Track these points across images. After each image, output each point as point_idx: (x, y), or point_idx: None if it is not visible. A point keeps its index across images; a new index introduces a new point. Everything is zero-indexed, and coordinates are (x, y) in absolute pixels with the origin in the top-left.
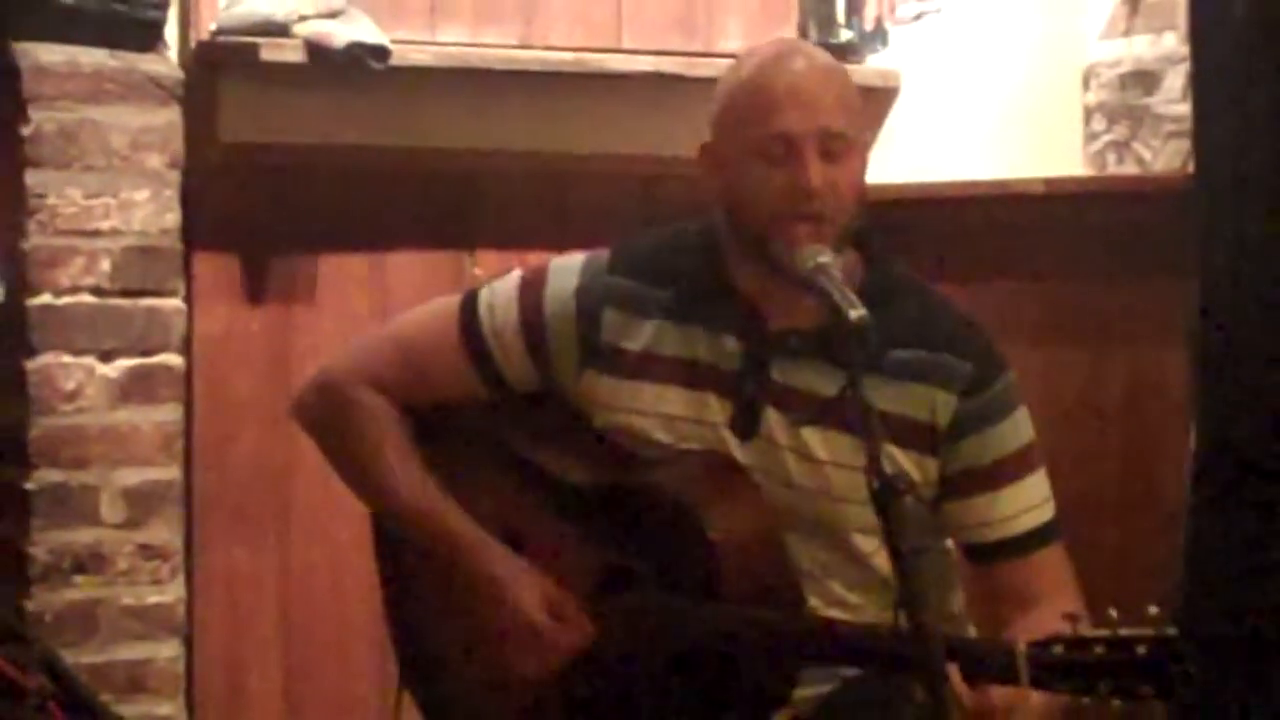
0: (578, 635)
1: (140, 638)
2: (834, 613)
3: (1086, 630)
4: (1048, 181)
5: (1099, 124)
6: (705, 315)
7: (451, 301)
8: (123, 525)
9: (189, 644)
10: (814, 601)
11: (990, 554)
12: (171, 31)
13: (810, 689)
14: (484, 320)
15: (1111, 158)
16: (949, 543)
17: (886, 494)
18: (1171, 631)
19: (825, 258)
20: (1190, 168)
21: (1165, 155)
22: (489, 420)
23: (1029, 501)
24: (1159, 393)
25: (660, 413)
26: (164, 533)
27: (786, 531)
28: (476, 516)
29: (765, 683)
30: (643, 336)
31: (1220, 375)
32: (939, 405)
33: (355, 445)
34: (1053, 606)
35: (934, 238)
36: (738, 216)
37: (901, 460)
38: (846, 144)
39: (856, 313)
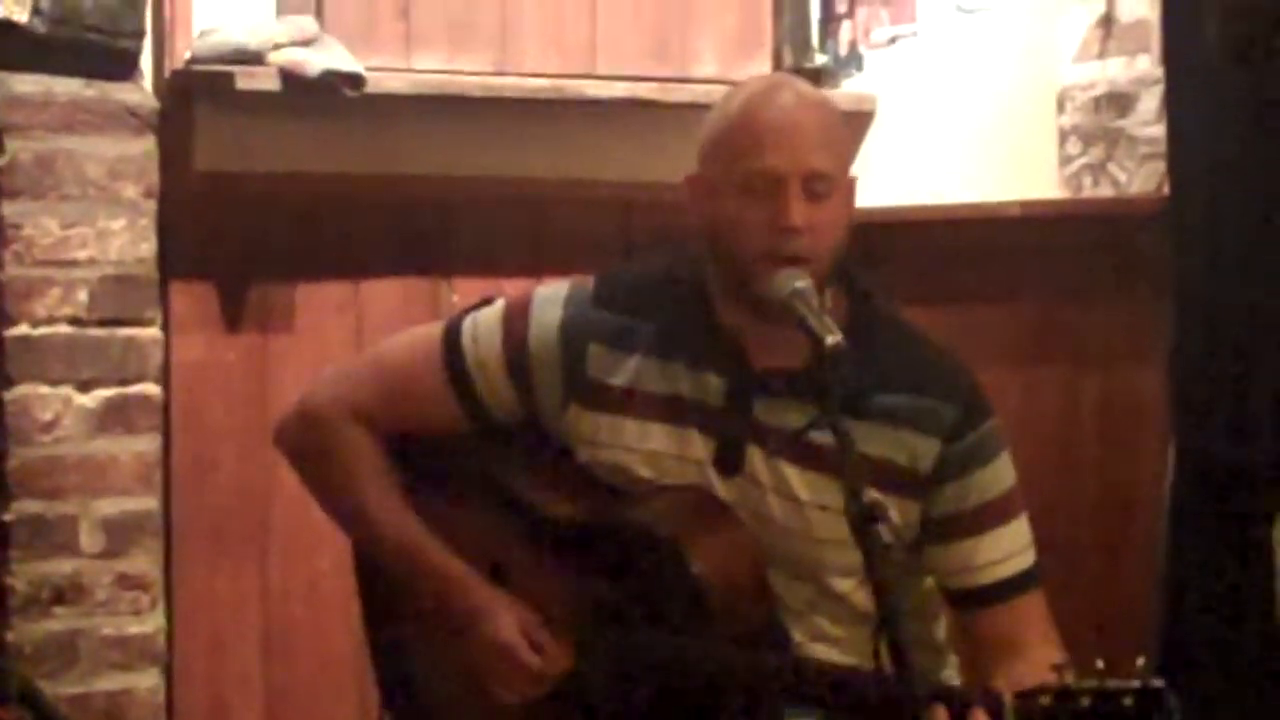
0: (556, 663)
1: (120, 668)
2: (818, 647)
3: (1073, 681)
4: (1023, 204)
5: (1074, 146)
6: (690, 351)
7: (434, 330)
8: (102, 555)
9: (169, 673)
10: (798, 637)
11: (972, 599)
12: (146, 61)
13: None
14: (467, 351)
15: (1087, 180)
16: (931, 579)
17: (864, 521)
18: (1157, 683)
19: (802, 283)
20: (1165, 190)
21: (1140, 177)
22: (472, 451)
23: (1011, 548)
24: (1135, 413)
25: (644, 449)
26: (143, 562)
27: (769, 568)
28: (458, 549)
29: (750, 717)
30: (627, 372)
31: (1196, 393)
32: (922, 450)
33: (336, 475)
34: (1035, 653)
35: (909, 261)
36: (720, 251)
37: (885, 504)
38: (830, 185)
39: (833, 338)
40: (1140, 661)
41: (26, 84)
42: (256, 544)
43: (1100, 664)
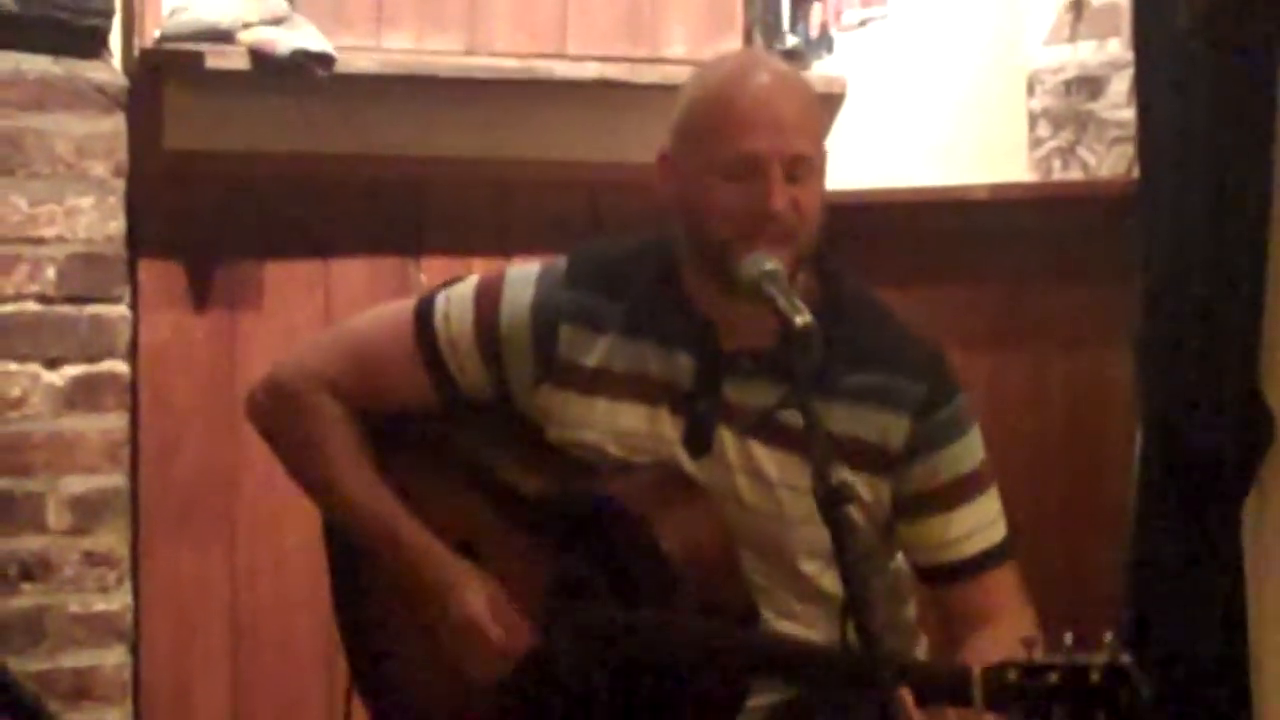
0: (521, 642)
1: (87, 645)
2: (785, 625)
3: (1041, 656)
4: (992, 187)
5: (1044, 129)
6: (660, 331)
7: (406, 307)
8: (69, 532)
9: (135, 651)
10: (766, 613)
11: (944, 575)
12: (116, 39)
13: (762, 698)
14: (439, 329)
15: (1056, 163)
16: (900, 557)
17: (832, 501)
18: (1125, 659)
19: (771, 265)
20: (1134, 173)
21: (1110, 160)
22: (444, 427)
23: (981, 522)
24: (1104, 396)
25: (614, 428)
26: (110, 540)
27: (738, 547)
28: (429, 524)
29: (716, 693)
30: (598, 352)
31: (1164, 375)
32: (891, 428)
33: (307, 448)
34: (1007, 626)
35: (879, 243)
36: (695, 233)
37: (855, 482)
38: (811, 167)
39: (802, 319)
40: (1108, 637)
41: None
42: (224, 522)
43: (1069, 639)
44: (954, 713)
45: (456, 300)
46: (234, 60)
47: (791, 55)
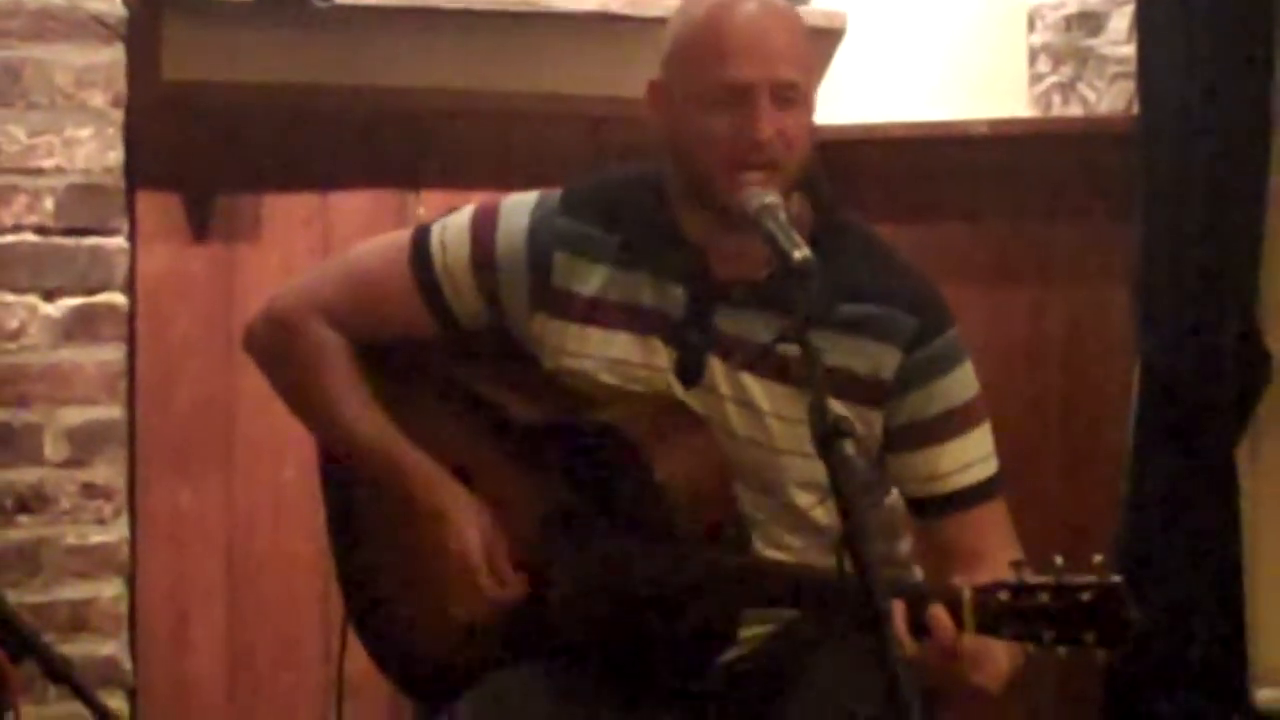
0: (508, 592)
1: (83, 577)
2: (778, 556)
3: (1031, 577)
4: (992, 123)
5: (1044, 65)
6: (653, 261)
7: (403, 236)
8: (66, 464)
9: (132, 583)
10: (758, 544)
11: (935, 508)
12: None
13: (757, 628)
14: (435, 257)
15: (1056, 99)
16: (894, 493)
17: (830, 437)
18: (1115, 579)
19: (771, 198)
20: (1135, 110)
21: (1110, 97)
22: (440, 355)
23: (974, 455)
24: (1101, 333)
25: (607, 357)
26: (107, 472)
27: (733, 474)
28: (426, 449)
29: (710, 622)
30: (592, 281)
31: (1162, 313)
32: (884, 359)
33: (304, 376)
34: (997, 560)
35: (878, 179)
36: (684, 162)
37: (845, 413)
38: (798, 93)
39: (801, 254)
40: (1098, 559)
41: None
42: (221, 453)
43: (1059, 560)
44: (945, 634)
45: (452, 229)
46: None
47: None
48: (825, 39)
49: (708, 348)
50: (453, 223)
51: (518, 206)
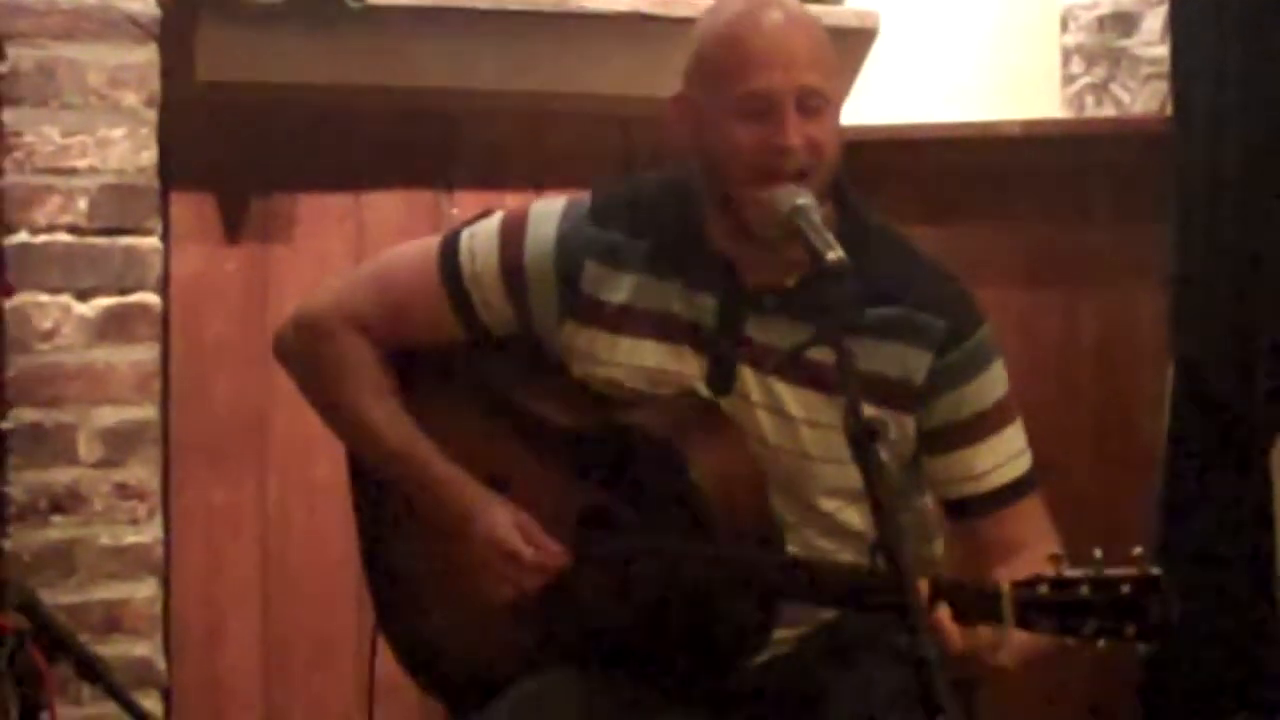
0: (552, 557)
1: (118, 577)
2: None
3: (1070, 570)
4: (1025, 124)
5: (1077, 66)
6: (683, 270)
7: (432, 243)
8: (100, 465)
9: (166, 584)
10: (791, 547)
11: (970, 508)
12: None
13: (790, 630)
14: (464, 264)
15: (1089, 100)
16: (928, 497)
17: (863, 440)
18: (1155, 571)
19: (803, 200)
20: (1168, 110)
21: (1143, 98)
22: (468, 362)
23: (1007, 454)
24: (1134, 335)
25: (637, 365)
26: (141, 472)
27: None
28: (457, 457)
29: (744, 623)
30: (622, 289)
31: (1195, 314)
32: (915, 362)
33: (333, 382)
34: (1036, 555)
35: (911, 180)
36: (711, 174)
37: (881, 418)
38: (824, 100)
39: (834, 254)
40: (1138, 551)
41: None
42: (254, 454)
43: (1098, 553)
44: (985, 630)
45: (481, 236)
46: None
47: None
48: (858, 39)
49: (738, 356)
50: (481, 230)
51: (546, 214)
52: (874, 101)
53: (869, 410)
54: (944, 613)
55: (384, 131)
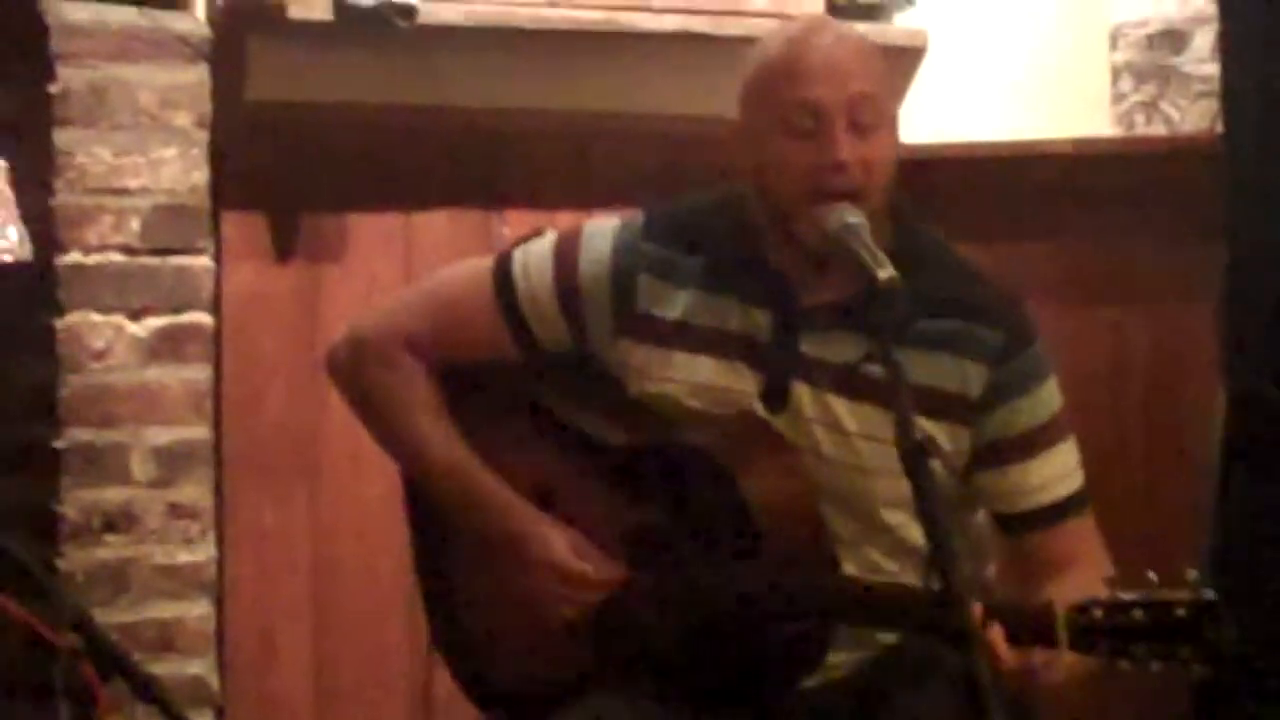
0: (606, 574)
1: (171, 596)
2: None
3: (1125, 593)
4: (1075, 142)
5: (1127, 84)
6: (737, 286)
7: (485, 262)
8: (153, 484)
9: (219, 603)
10: (849, 568)
11: (1023, 523)
12: None
13: (844, 654)
14: (518, 281)
15: (1139, 118)
16: (980, 515)
17: (915, 456)
18: (1210, 595)
19: (854, 218)
20: (1218, 127)
21: (1193, 115)
22: (523, 380)
23: (1060, 470)
24: (1185, 353)
25: (692, 382)
26: (194, 491)
27: (820, 501)
28: (509, 476)
29: (797, 646)
30: (677, 305)
31: (1249, 334)
32: (970, 376)
33: (386, 402)
34: (1087, 574)
35: (961, 198)
36: (766, 193)
37: (934, 432)
38: (877, 113)
39: (885, 273)
40: (1192, 575)
41: (80, 12)
42: (306, 473)
43: (1153, 576)
44: (1039, 652)
45: (535, 254)
46: (317, 11)
47: (873, 9)
48: (906, 57)
49: (793, 372)
50: (535, 248)
51: (601, 231)
52: (923, 120)
53: (923, 423)
54: (997, 634)
55: (434, 151)
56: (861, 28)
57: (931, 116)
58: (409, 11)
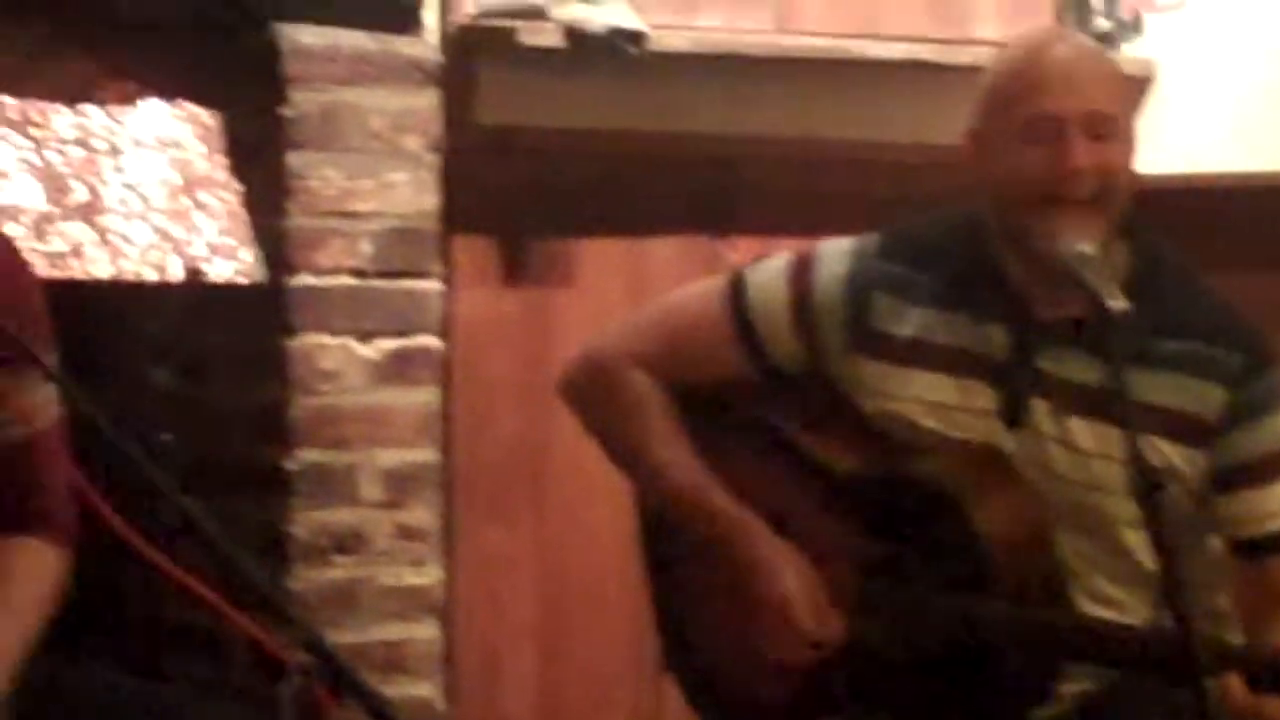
0: (830, 633)
1: (398, 618)
2: (1099, 610)
3: None
4: None
5: None
6: (973, 303)
7: (718, 282)
8: (382, 505)
9: (446, 625)
10: (1080, 599)
11: (1259, 549)
12: (431, 14)
13: (1074, 685)
14: (752, 300)
15: None
16: (1215, 541)
17: (1147, 486)
18: None
19: (1087, 248)
20: None
21: None
22: (754, 401)
23: None
24: None
25: (929, 400)
26: (422, 514)
27: (1052, 525)
28: (740, 498)
29: (1027, 677)
30: (912, 322)
31: None
32: (1209, 398)
33: (622, 424)
34: None
35: (1189, 229)
36: (999, 201)
37: (1171, 454)
38: (1114, 126)
39: (1117, 304)
40: None
41: (312, 36)
42: (534, 496)
43: None
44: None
45: (769, 273)
46: (547, 37)
47: (1102, 39)
48: (1134, 88)
49: (1030, 389)
50: (768, 267)
51: (835, 250)
52: (1151, 150)
53: (1162, 445)
54: (1234, 680)
55: (663, 177)
56: None
57: (1160, 147)
58: (638, 38)
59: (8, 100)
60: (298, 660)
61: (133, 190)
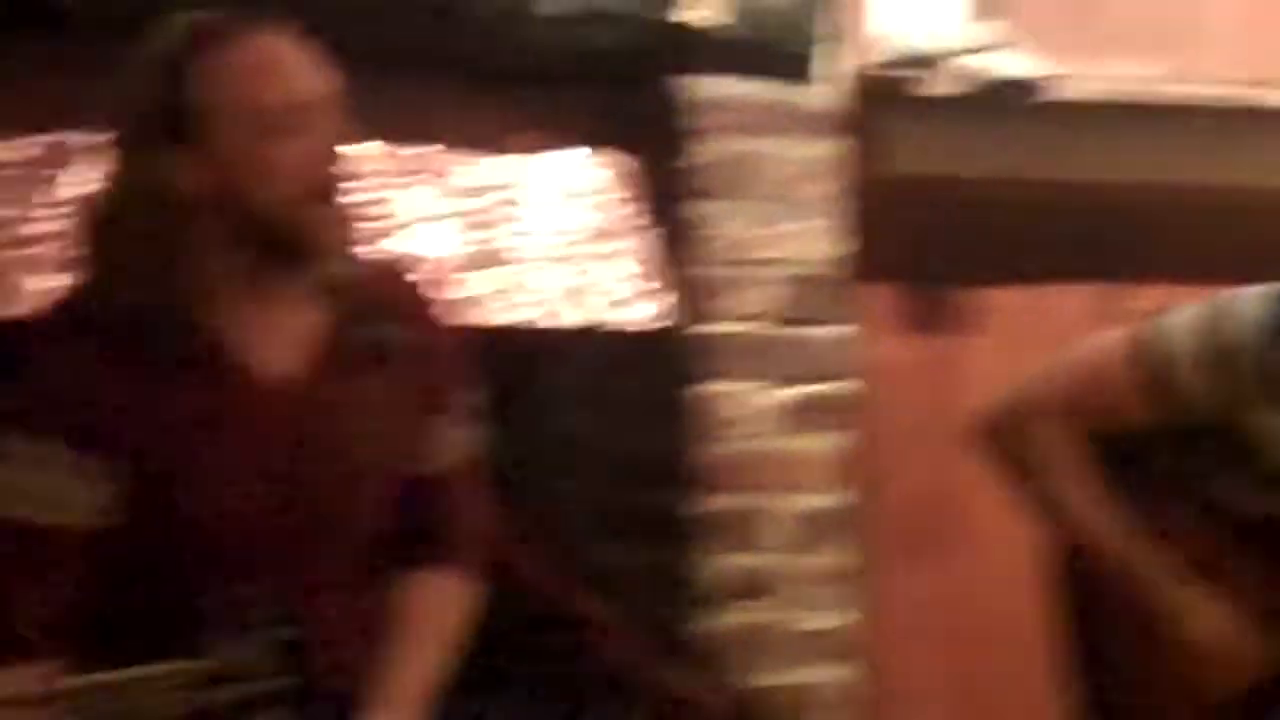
0: (1262, 653)
1: (809, 663)
2: None
3: None
4: None
5: None
6: None
7: (1125, 332)
8: (793, 550)
9: (857, 668)
10: None
11: None
12: (830, 64)
13: None
14: (1163, 347)
15: None
16: None
17: None
18: None
19: None
20: None
21: None
22: (1163, 448)
23: None
24: None
25: None
26: (834, 558)
27: None
28: (1157, 544)
29: None
30: None
31: None
32: None
33: (1037, 471)
34: None
35: None
36: None
37: None
38: None
39: None
40: None
41: (714, 87)
42: (946, 542)
43: None
44: None
45: (1180, 320)
46: (952, 85)
47: None
48: None
49: None
50: (1177, 315)
51: (1249, 297)
52: None
53: None
54: None
55: (1070, 225)
56: None
57: None
58: (1040, 88)
59: (424, 150)
60: (716, 704)
61: (545, 237)
